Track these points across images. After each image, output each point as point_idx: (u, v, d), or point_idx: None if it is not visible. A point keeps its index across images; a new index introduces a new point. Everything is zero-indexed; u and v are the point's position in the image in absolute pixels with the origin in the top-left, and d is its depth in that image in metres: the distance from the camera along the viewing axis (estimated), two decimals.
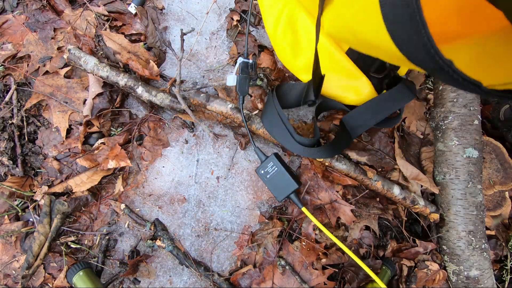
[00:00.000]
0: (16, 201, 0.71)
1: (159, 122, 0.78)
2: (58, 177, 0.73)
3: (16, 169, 0.71)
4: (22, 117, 0.74)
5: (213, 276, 0.70)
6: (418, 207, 0.74)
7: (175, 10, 0.83)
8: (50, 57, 0.76)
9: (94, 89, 0.73)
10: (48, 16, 0.79)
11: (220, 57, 0.81)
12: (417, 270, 0.75)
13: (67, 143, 0.74)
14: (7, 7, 0.80)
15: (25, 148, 0.74)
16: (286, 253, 0.72)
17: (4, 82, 0.75)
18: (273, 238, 0.72)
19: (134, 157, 0.76)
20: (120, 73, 0.72)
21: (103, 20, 0.80)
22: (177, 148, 0.77)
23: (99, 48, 0.79)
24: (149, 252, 0.73)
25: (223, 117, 0.74)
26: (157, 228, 0.72)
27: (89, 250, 0.71)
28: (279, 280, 0.70)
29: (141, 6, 0.80)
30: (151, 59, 0.77)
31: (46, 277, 0.69)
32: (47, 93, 0.74)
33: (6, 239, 0.70)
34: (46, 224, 0.69)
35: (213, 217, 0.75)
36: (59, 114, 0.74)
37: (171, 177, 0.76)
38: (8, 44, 0.77)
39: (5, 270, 0.69)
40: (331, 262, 0.71)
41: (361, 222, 0.74)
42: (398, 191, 0.73)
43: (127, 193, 0.74)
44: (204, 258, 0.73)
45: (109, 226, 0.73)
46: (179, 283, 0.72)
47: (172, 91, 0.73)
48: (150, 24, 0.80)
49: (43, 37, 0.77)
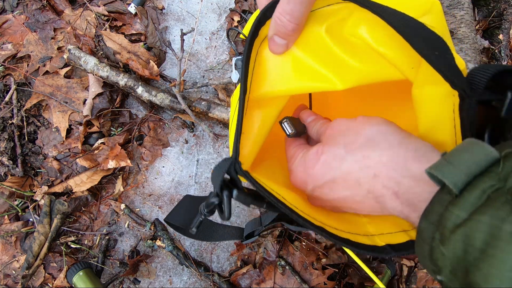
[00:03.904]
0: (16, 201, 0.71)
1: (159, 122, 0.78)
2: (58, 177, 0.73)
3: (16, 169, 0.71)
4: (22, 117, 0.74)
5: (213, 276, 0.70)
6: None
7: (175, 10, 0.83)
8: (50, 57, 0.76)
9: (94, 89, 0.73)
10: (48, 16, 0.79)
11: (220, 57, 0.81)
12: (417, 270, 0.75)
13: (67, 143, 0.74)
14: (7, 7, 0.80)
15: (25, 148, 0.73)
16: (286, 253, 0.72)
17: (4, 82, 0.75)
18: (273, 238, 0.72)
19: (134, 157, 0.76)
20: (120, 73, 0.72)
21: (103, 20, 0.80)
22: (177, 148, 0.77)
23: (99, 48, 0.79)
24: (149, 252, 0.73)
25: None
26: (157, 228, 0.72)
27: (89, 250, 0.71)
28: (279, 280, 0.70)
29: (141, 6, 0.80)
30: (151, 59, 0.77)
31: (46, 277, 0.69)
32: (47, 93, 0.74)
33: (6, 239, 0.70)
34: (46, 224, 0.69)
35: (212, 217, 0.75)
36: (59, 114, 0.74)
37: (171, 177, 0.76)
38: (8, 44, 0.77)
39: (5, 270, 0.69)
40: (331, 262, 0.71)
41: None
42: None
43: (127, 193, 0.74)
44: (204, 258, 0.73)
45: (109, 226, 0.73)
46: (179, 283, 0.72)
47: (172, 91, 0.73)
48: (150, 24, 0.80)
49: (43, 37, 0.77)
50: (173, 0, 0.83)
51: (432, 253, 0.19)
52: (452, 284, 0.19)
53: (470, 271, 0.17)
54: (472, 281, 0.17)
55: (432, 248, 0.19)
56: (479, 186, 0.18)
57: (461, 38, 0.72)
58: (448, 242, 0.18)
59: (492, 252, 0.16)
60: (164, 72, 0.80)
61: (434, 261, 0.19)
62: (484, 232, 0.17)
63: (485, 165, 0.18)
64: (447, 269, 0.18)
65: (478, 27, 0.93)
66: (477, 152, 0.18)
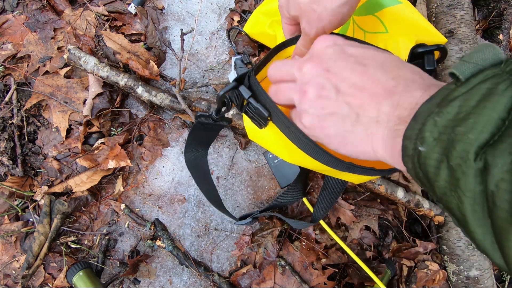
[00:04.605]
0: (16, 201, 0.71)
1: (159, 122, 0.78)
2: (58, 177, 0.73)
3: (16, 169, 0.71)
4: (22, 117, 0.74)
5: (213, 276, 0.70)
6: (423, 210, 0.74)
7: (175, 10, 0.83)
8: (50, 57, 0.76)
9: (94, 89, 0.73)
10: (48, 16, 0.79)
11: (220, 57, 0.81)
12: (417, 270, 0.75)
13: (67, 143, 0.74)
14: (7, 7, 0.80)
15: (25, 148, 0.73)
16: (286, 253, 0.72)
17: (4, 82, 0.75)
18: (273, 238, 0.72)
19: (134, 157, 0.76)
20: (120, 73, 0.72)
21: (103, 20, 0.80)
22: (177, 148, 0.77)
23: (99, 48, 0.79)
24: (149, 252, 0.73)
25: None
26: (157, 228, 0.72)
27: (89, 250, 0.71)
28: (279, 280, 0.70)
29: (141, 6, 0.80)
30: (151, 59, 0.77)
31: (46, 277, 0.69)
32: (47, 93, 0.74)
33: (6, 239, 0.70)
34: (46, 224, 0.69)
35: (213, 217, 0.75)
36: (59, 114, 0.74)
37: (171, 177, 0.76)
38: (8, 44, 0.77)
39: (5, 270, 0.69)
40: (331, 262, 0.71)
41: (361, 222, 0.74)
42: (402, 195, 0.73)
43: (127, 193, 0.74)
44: (204, 258, 0.73)
45: (109, 226, 0.73)
46: (179, 283, 0.72)
47: (172, 91, 0.73)
48: (150, 24, 0.80)
49: (43, 37, 0.77)
50: (173, 0, 0.83)
51: (423, 128, 0.20)
52: (433, 150, 0.20)
53: (457, 127, 0.19)
54: (456, 136, 0.19)
55: (426, 121, 0.20)
56: (483, 73, 0.20)
57: (461, 38, 0.72)
58: (444, 110, 0.20)
59: (483, 105, 0.18)
60: (164, 72, 0.80)
61: (422, 133, 0.21)
62: (480, 94, 0.18)
63: (492, 62, 0.20)
64: (432, 137, 0.20)
65: (478, 27, 0.93)
66: (488, 52, 0.20)
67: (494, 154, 0.17)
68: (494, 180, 0.17)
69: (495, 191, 0.17)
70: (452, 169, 0.19)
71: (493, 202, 0.17)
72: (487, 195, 0.17)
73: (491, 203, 0.17)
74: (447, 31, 0.72)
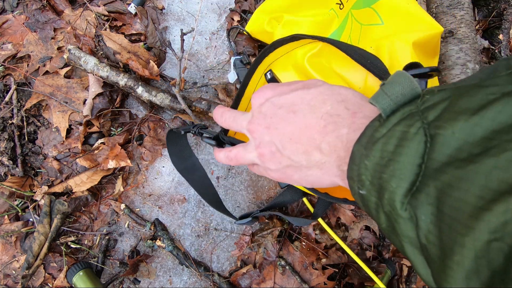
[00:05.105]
0: (16, 201, 0.71)
1: (159, 122, 0.78)
2: (58, 177, 0.73)
3: (16, 169, 0.71)
4: (22, 117, 0.74)
5: (213, 276, 0.70)
6: None
7: (175, 10, 0.83)
8: (50, 57, 0.76)
9: (94, 89, 0.73)
10: (48, 16, 0.79)
11: (220, 57, 0.81)
12: None
13: (67, 143, 0.74)
14: (7, 7, 0.80)
15: (25, 148, 0.73)
16: (286, 253, 0.72)
17: (4, 82, 0.75)
18: (273, 238, 0.72)
19: (134, 157, 0.76)
20: (120, 73, 0.72)
21: (103, 20, 0.80)
22: None
23: (99, 48, 0.79)
24: (149, 252, 0.73)
25: None
26: (157, 228, 0.72)
27: (89, 250, 0.71)
28: (279, 280, 0.70)
29: (141, 6, 0.80)
30: (151, 59, 0.77)
31: (46, 277, 0.69)
32: (47, 93, 0.74)
33: (6, 239, 0.70)
34: (46, 224, 0.69)
35: (213, 217, 0.75)
36: (59, 114, 0.74)
37: (171, 177, 0.76)
38: (8, 44, 0.77)
39: (5, 270, 0.69)
40: (331, 262, 0.71)
41: (361, 222, 0.74)
42: None
43: (127, 193, 0.74)
44: (204, 258, 0.73)
45: (109, 226, 0.73)
46: (179, 283, 0.72)
47: (172, 91, 0.73)
48: (150, 24, 0.80)
49: (43, 37, 0.77)
50: (173, 0, 0.83)
51: (359, 171, 0.21)
52: (371, 194, 0.20)
53: (382, 173, 0.19)
54: (383, 183, 0.19)
55: (360, 164, 0.21)
56: (401, 110, 0.20)
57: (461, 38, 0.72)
58: (370, 154, 0.20)
59: (399, 151, 0.19)
60: (164, 72, 0.80)
61: (359, 176, 0.21)
62: (396, 137, 0.19)
63: (410, 97, 0.21)
64: (367, 181, 0.20)
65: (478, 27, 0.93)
66: (406, 86, 0.21)
67: (416, 206, 0.17)
68: (423, 233, 0.17)
69: (426, 244, 0.17)
70: (387, 214, 0.19)
71: (428, 253, 0.17)
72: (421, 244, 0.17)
73: (425, 253, 0.17)
74: (447, 31, 0.72)
